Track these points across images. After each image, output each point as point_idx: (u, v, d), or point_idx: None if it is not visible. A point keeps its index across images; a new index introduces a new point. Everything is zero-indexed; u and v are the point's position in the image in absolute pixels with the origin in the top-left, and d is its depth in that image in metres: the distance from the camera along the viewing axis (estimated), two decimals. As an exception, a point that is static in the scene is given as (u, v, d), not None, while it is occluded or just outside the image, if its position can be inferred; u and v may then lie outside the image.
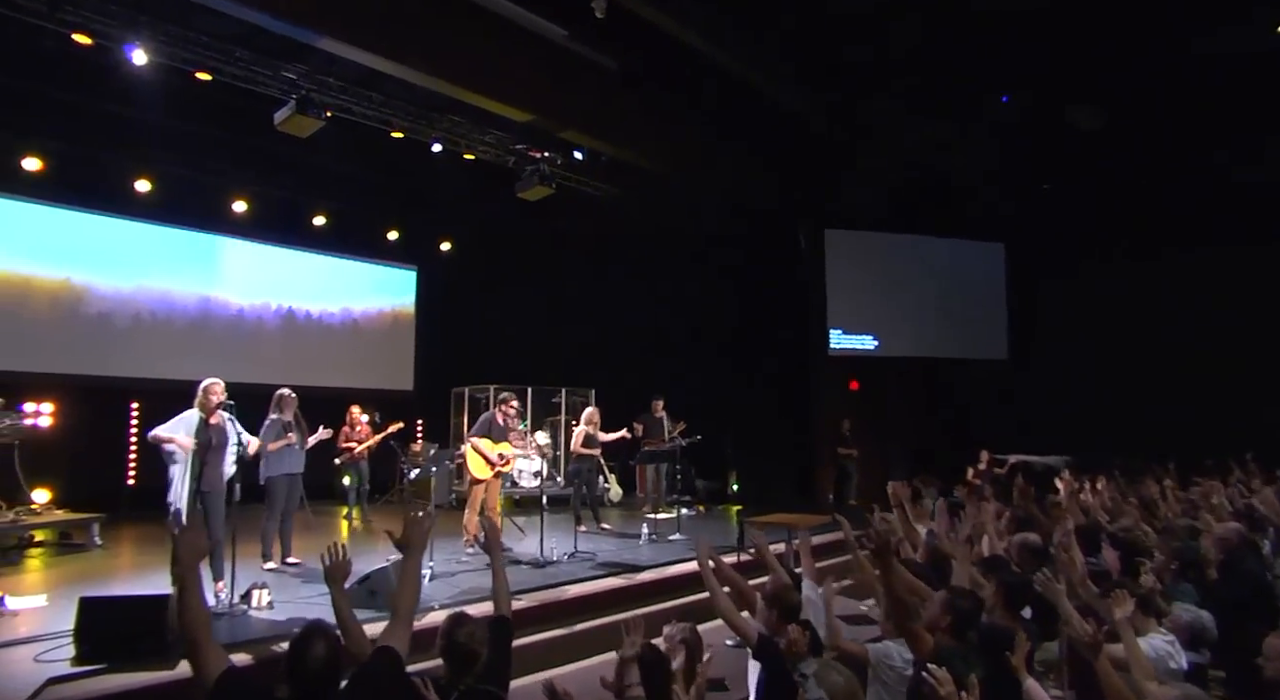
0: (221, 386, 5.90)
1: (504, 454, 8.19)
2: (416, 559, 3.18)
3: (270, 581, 6.15)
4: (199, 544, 2.71)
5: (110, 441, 10.63)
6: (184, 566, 2.62)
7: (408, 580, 3.09)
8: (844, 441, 13.28)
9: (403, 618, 2.93)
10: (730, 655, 5.73)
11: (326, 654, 2.54)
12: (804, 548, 5.14)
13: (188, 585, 2.59)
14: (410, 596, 3.03)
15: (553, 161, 10.66)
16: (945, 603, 3.42)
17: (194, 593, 2.60)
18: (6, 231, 10.22)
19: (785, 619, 3.93)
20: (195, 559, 2.67)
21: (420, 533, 3.17)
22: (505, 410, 8.38)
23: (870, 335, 14.34)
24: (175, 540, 2.71)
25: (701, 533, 9.73)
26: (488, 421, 8.32)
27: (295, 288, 13.09)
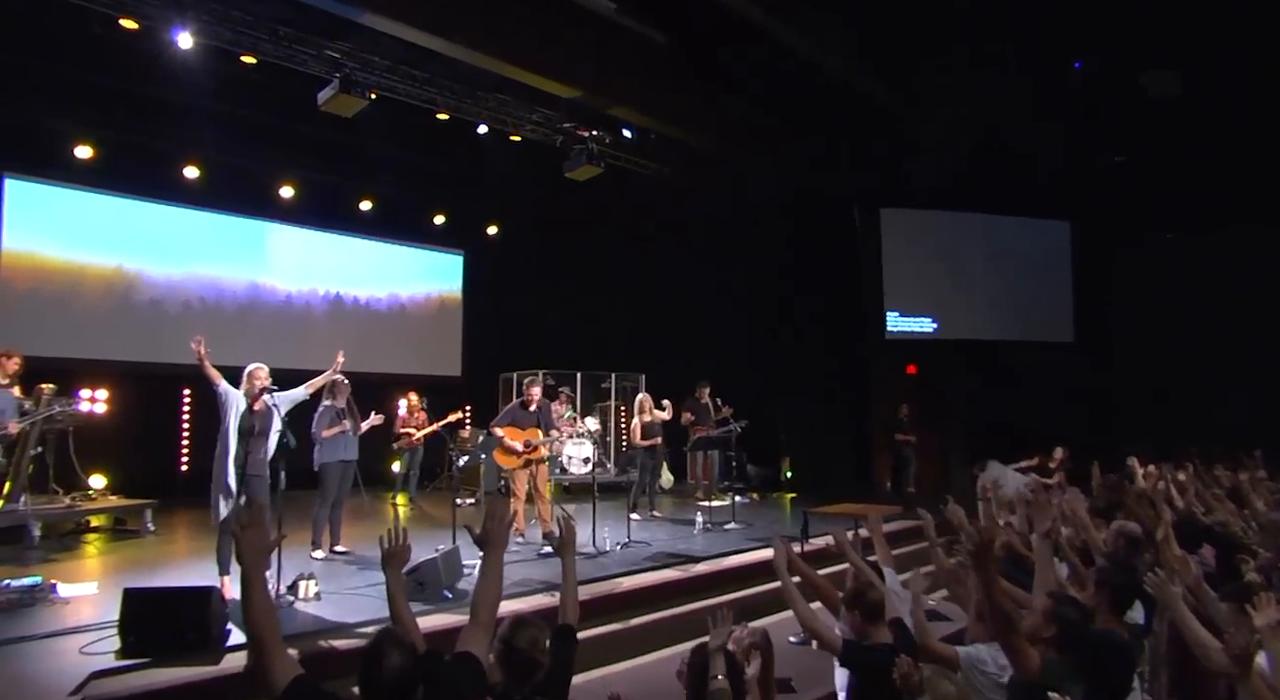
0: (265, 372, 5.75)
1: (531, 441, 7.93)
2: (498, 556, 2.91)
3: (318, 571, 6.01)
4: (262, 541, 2.48)
5: (163, 427, 10.67)
6: (248, 565, 2.40)
7: (489, 579, 2.84)
8: (902, 427, 12.80)
9: (484, 620, 2.70)
10: (794, 653, 5.45)
11: (402, 664, 2.32)
12: (877, 534, 4.81)
13: (253, 583, 2.37)
14: (492, 597, 2.80)
15: (601, 140, 10.35)
16: (1049, 612, 3.06)
17: (260, 591, 2.38)
18: (61, 220, 10.30)
19: (870, 620, 3.63)
20: (260, 557, 2.45)
21: (502, 529, 2.94)
22: (530, 394, 8.11)
23: (929, 317, 13.81)
24: (237, 538, 2.46)
25: (757, 521, 9.47)
26: (512, 410, 8.09)
27: (342, 273, 13.04)
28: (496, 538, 2.91)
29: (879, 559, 4.63)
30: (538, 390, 8.07)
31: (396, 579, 2.99)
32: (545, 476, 8.08)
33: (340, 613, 5.17)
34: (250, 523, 2.49)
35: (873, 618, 3.64)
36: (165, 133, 10.42)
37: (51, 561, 6.89)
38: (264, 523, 2.58)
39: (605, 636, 5.48)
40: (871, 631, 3.62)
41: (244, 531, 2.44)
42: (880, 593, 3.75)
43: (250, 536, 2.44)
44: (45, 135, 9.84)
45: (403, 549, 3.01)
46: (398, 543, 3.00)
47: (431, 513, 10.11)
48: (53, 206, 10.26)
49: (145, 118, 10.14)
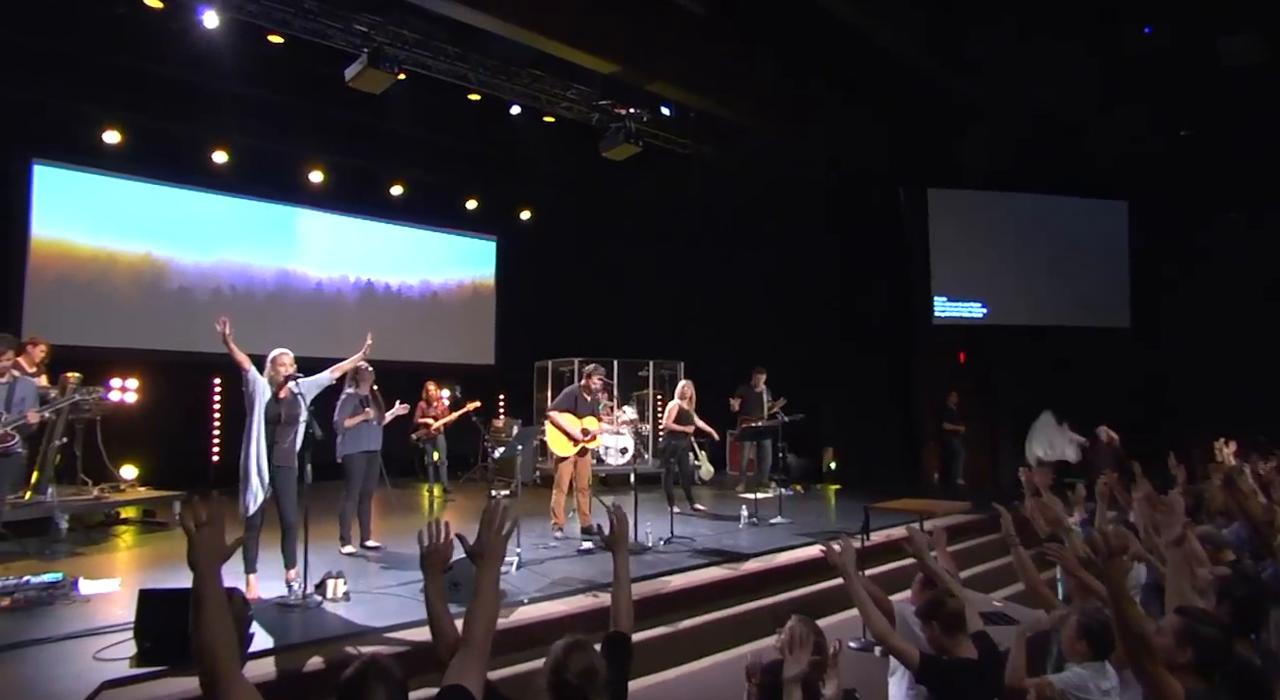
0: (290, 358, 5.45)
1: (588, 429, 7.59)
2: (494, 571, 2.41)
3: (347, 568, 5.71)
4: (219, 543, 2.01)
5: (194, 418, 10.48)
6: (200, 574, 1.94)
7: (484, 597, 2.34)
8: (950, 417, 12.36)
9: (478, 645, 2.25)
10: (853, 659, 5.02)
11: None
12: (940, 542, 4.37)
13: (206, 596, 1.93)
14: (487, 617, 2.31)
15: (639, 118, 9.94)
16: (1182, 631, 2.62)
17: (214, 605, 1.94)
18: (90, 207, 10.15)
19: (950, 633, 3.23)
20: (215, 562, 1.99)
21: (500, 540, 2.45)
22: (589, 384, 7.76)
23: (978, 302, 13.26)
24: (189, 535, 2.00)
25: (803, 515, 9.05)
26: (572, 395, 7.72)
27: (373, 260, 12.80)
28: (494, 550, 2.43)
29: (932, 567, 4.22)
30: (598, 380, 7.73)
31: (437, 582, 2.57)
32: (587, 468, 7.72)
33: (370, 615, 4.85)
34: (207, 519, 2.00)
35: (953, 630, 3.24)
36: (193, 116, 10.29)
37: (77, 555, 6.69)
38: (221, 520, 2.03)
39: (654, 641, 5.10)
40: (951, 645, 3.23)
41: (198, 530, 1.98)
42: (960, 602, 3.34)
43: (205, 537, 1.98)
44: (73, 120, 9.71)
45: (445, 547, 2.58)
46: (438, 540, 2.58)
47: (465, 505, 9.82)
48: (82, 193, 10.10)
49: (173, 101, 10.00)
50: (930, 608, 3.28)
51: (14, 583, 5.14)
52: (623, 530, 3.03)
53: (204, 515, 2.00)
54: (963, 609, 3.28)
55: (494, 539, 2.41)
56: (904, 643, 3.29)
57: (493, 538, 2.41)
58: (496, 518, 2.43)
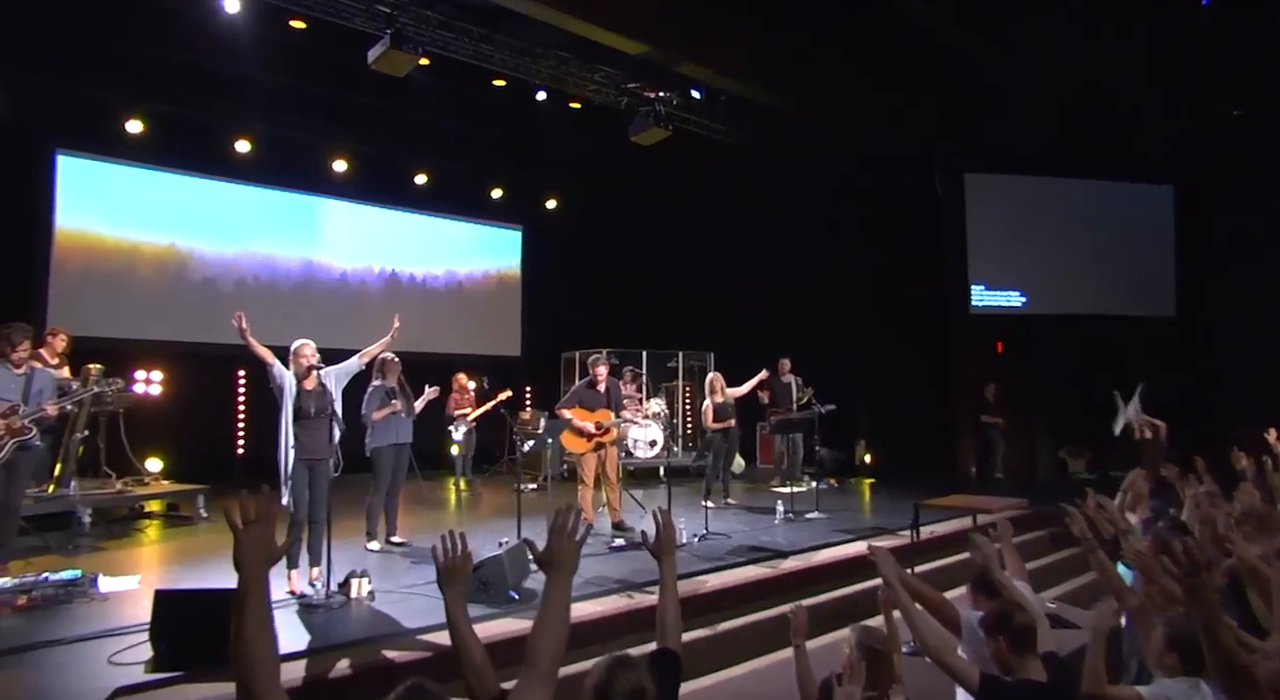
0: (311, 348, 5.25)
1: (602, 423, 7.33)
2: (566, 583, 2.12)
3: (373, 566, 5.51)
4: (267, 544, 1.77)
5: (218, 410, 10.39)
6: (245, 576, 1.71)
7: (553, 614, 2.06)
8: (988, 408, 11.97)
9: (545, 670, 1.98)
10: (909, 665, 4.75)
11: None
12: (1006, 540, 4.07)
13: (250, 604, 1.69)
14: (556, 638, 2.03)
15: (668, 102, 9.64)
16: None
17: (258, 617, 1.69)
18: (113, 197, 10.07)
19: (1019, 650, 2.94)
20: (264, 565, 1.75)
21: (574, 547, 2.16)
22: (597, 373, 7.44)
23: (1017, 291, 12.84)
24: (236, 534, 1.76)
25: (840, 510, 8.76)
26: (578, 392, 7.47)
27: (398, 250, 12.64)
28: (566, 559, 2.12)
29: (1009, 570, 3.93)
30: (604, 369, 7.43)
31: (457, 600, 2.24)
32: (616, 461, 7.46)
33: (397, 615, 4.63)
34: (256, 516, 1.77)
35: (1022, 648, 2.95)
36: (215, 105, 10.19)
37: (99, 550, 6.57)
38: (273, 518, 1.81)
39: (691, 645, 4.80)
40: (1018, 664, 2.94)
41: (246, 528, 1.75)
42: (1031, 617, 3.05)
43: (253, 536, 1.74)
44: (95, 110, 9.61)
45: (463, 563, 2.27)
46: (456, 553, 2.27)
47: (492, 499, 9.64)
48: (105, 183, 10.02)
49: (195, 90, 9.90)
50: (997, 621, 2.99)
51: (32, 580, 5.01)
52: (670, 537, 2.75)
53: (253, 512, 1.77)
54: (1034, 624, 2.99)
55: (567, 545, 2.13)
56: (961, 661, 3.02)
57: (565, 544, 2.13)
58: (569, 523, 2.15)
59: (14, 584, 4.93)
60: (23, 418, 5.29)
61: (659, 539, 2.72)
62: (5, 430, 5.22)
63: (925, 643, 3.02)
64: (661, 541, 2.71)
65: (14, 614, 4.67)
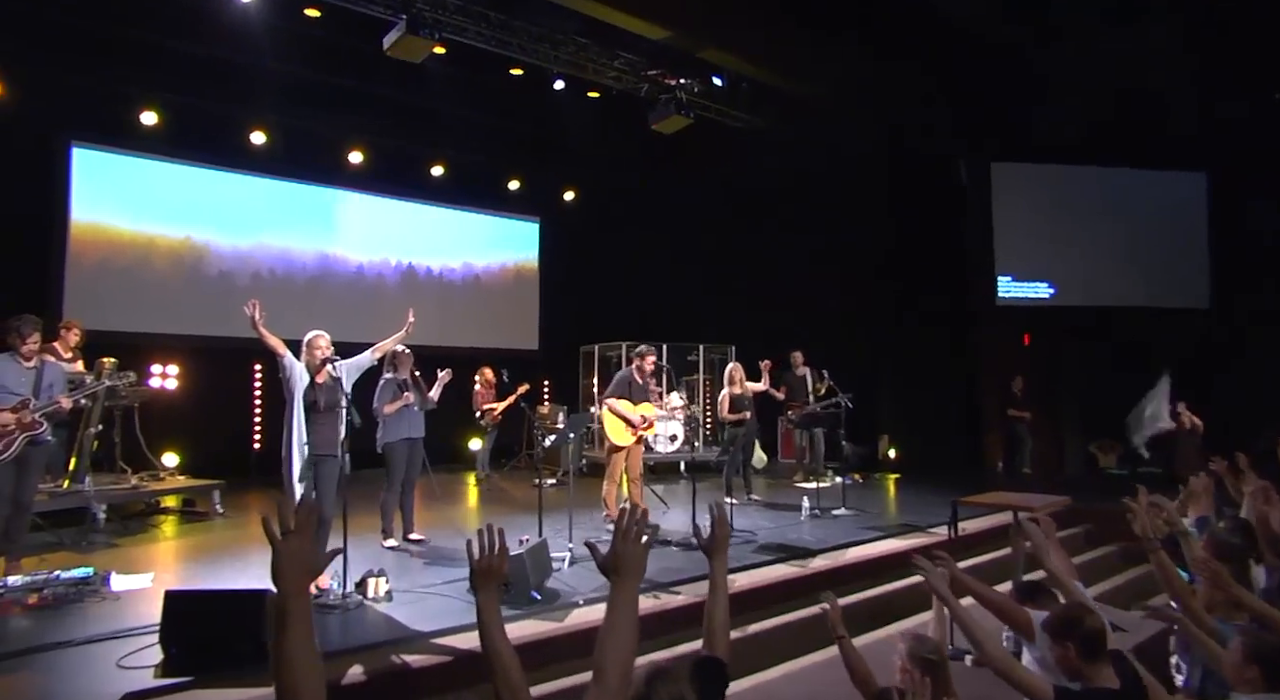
0: (326, 340, 5.09)
1: (646, 416, 7.17)
2: (633, 589, 1.95)
3: (389, 564, 5.35)
4: (308, 556, 1.58)
5: (234, 404, 10.31)
6: (285, 592, 1.53)
7: (622, 624, 1.88)
8: (1015, 402, 11.74)
9: (614, 686, 1.80)
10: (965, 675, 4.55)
11: None
12: (1051, 537, 3.84)
13: (292, 623, 1.51)
14: (625, 649, 1.86)
15: (689, 89, 9.43)
16: None
17: (300, 634, 1.51)
18: (128, 190, 9.97)
19: (1090, 657, 2.73)
20: (306, 579, 1.59)
21: (638, 552, 1.96)
22: (642, 366, 7.28)
23: (1045, 282, 12.59)
24: (275, 547, 1.59)
25: (867, 506, 8.54)
26: (625, 380, 7.29)
27: (414, 243, 12.49)
28: (632, 564, 1.93)
29: (1055, 569, 3.71)
30: (652, 360, 7.29)
31: (491, 604, 2.00)
32: (639, 456, 7.30)
33: (415, 617, 4.46)
34: (297, 526, 1.59)
35: (1093, 654, 2.74)
36: (230, 96, 10.08)
37: (114, 547, 6.46)
38: (313, 527, 1.64)
39: (720, 648, 4.65)
40: (1089, 672, 2.73)
41: (285, 540, 1.57)
42: (1100, 620, 2.84)
43: (294, 547, 1.56)
44: (109, 101, 9.53)
45: (499, 562, 2.03)
46: (493, 551, 2.03)
47: (511, 495, 9.48)
48: (120, 176, 9.92)
49: (209, 80, 9.79)
50: (1064, 624, 2.79)
51: (44, 578, 4.88)
52: (724, 534, 2.56)
53: (291, 521, 1.59)
54: (1104, 629, 2.79)
55: (632, 550, 1.94)
56: (1029, 673, 2.82)
57: (631, 548, 1.94)
58: (633, 525, 1.97)
59: (25, 582, 4.81)
60: (33, 412, 5.16)
61: (713, 535, 2.54)
62: (16, 425, 5.09)
63: (989, 655, 2.83)
64: (716, 538, 2.54)
65: (24, 613, 4.55)
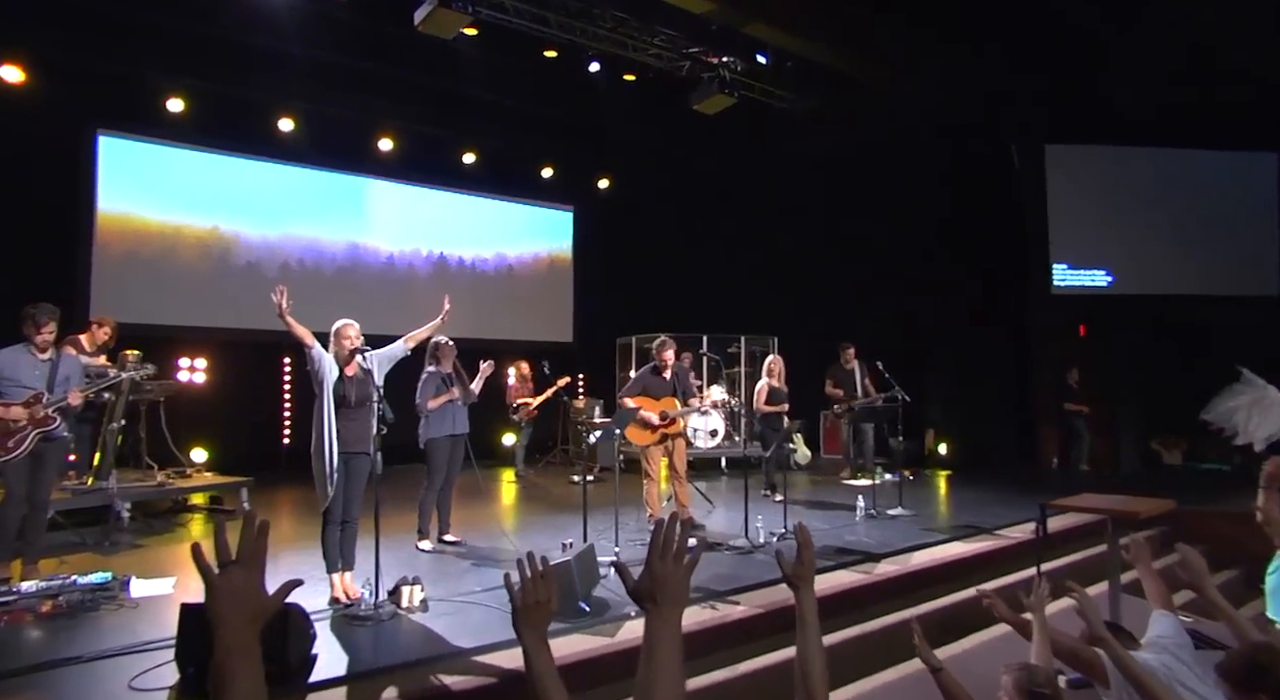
0: (356, 329, 4.71)
1: (668, 412, 6.74)
2: (673, 622, 1.51)
3: (425, 569, 5.00)
4: (250, 593, 1.22)
5: (263, 399, 10.08)
6: (226, 646, 1.17)
7: (660, 665, 1.48)
8: (1072, 395, 11.16)
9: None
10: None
11: None
12: (1143, 557, 3.32)
13: (232, 688, 1.15)
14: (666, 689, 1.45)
15: (732, 67, 8.98)
16: None
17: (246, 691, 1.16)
18: (156, 179, 9.78)
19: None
20: (245, 621, 1.20)
21: (678, 574, 1.52)
22: (663, 358, 6.81)
23: (1103, 270, 11.96)
24: (208, 585, 1.20)
25: (924, 506, 8.08)
26: (641, 378, 6.86)
27: (446, 232, 12.18)
28: (673, 589, 1.51)
29: (1149, 594, 3.24)
30: (670, 354, 6.82)
31: (540, 646, 1.60)
32: (684, 453, 6.87)
33: (454, 630, 4.08)
34: (241, 555, 1.23)
35: None
36: (257, 82, 9.85)
37: (137, 548, 6.17)
38: (261, 555, 1.26)
39: (784, 666, 4.23)
40: None
41: (224, 573, 1.20)
42: None
43: (236, 583, 1.20)
44: (136, 88, 9.33)
45: (547, 595, 1.63)
46: (536, 586, 1.62)
47: (549, 492, 9.13)
48: (147, 164, 9.71)
49: (236, 66, 9.56)
50: (1252, 672, 2.31)
51: (59, 583, 4.58)
52: (811, 559, 2.00)
53: (231, 550, 1.22)
54: None
55: (673, 572, 1.51)
56: None
57: (671, 569, 1.51)
58: (673, 542, 1.54)
59: (40, 588, 4.51)
60: (47, 406, 4.86)
61: (799, 561, 1.98)
62: (28, 420, 4.80)
63: None
64: (802, 564, 1.98)
65: (36, 622, 4.25)
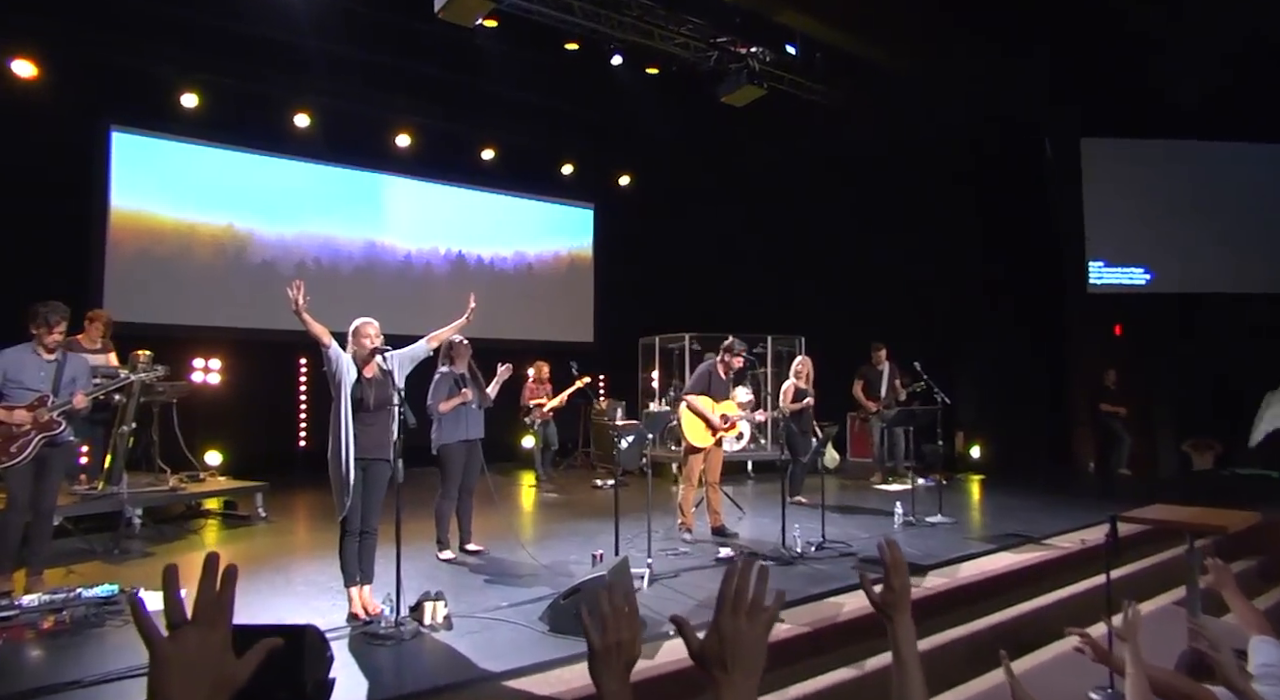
0: (375, 328, 4.43)
1: (727, 415, 6.47)
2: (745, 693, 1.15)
3: (447, 583, 4.72)
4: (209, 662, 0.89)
5: (279, 400, 9.88)
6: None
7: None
8: (1109, 396, 10.81)
9: None
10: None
11: None
12: (1227, 579, 2.93)
13: None
14: None
15: (761, 58, 8.67)
16: None
17: None
18: (169, 176, 9.61)
19: None
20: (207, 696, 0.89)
21: (759, 636, 1.17)
22: (730, 361, 6.56)
23: (1141, 267, 11.61)
24: (153, 654, 0.85)
25: (965, 513, 7.74)
26: (706, 375, 6.58)
27: (464, 230, 11.95)
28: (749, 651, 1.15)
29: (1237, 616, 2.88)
30: (740, 361, 6.58)
31: (620, 695, 1.25)
32: (720, 459, 6.60)
33: (480, 650, 3.79)
34: (197, 613, 0.92)
35: None
36: (273, 77, 9.69)
37: (148, 556, 5.93)
38: (224, 613, 0.93)
39: (840, 689, 3.93)
40: None
41: (176, 635, 0.89)
42: None
43: (186, 649, 0.89)
44: (149, 83, 9.17)
45: (630, 644, 1.27)
46: (620, 630, 1.27)
47: (571, 498, 8.84)
48: (161, 161, 9.53)
49: (251, 61, 9.40)
50: None
51: (63, 597, 4.31)
52: (905, 583, 1.52)
53: (185, 604, 0.92)
54: None
55: (743, 631, 1.16)
56: None
57: (740, 629, 1.16)
58: (747, 592, 1.18)
59: (42, 602, 4.24)
60: (51, 410, 4.61)
61: (887, 586, 1.52)
62: (32, 424, 4.55)
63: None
64: (893, 590, 1.51)
65: (37, 640, 3.99)
